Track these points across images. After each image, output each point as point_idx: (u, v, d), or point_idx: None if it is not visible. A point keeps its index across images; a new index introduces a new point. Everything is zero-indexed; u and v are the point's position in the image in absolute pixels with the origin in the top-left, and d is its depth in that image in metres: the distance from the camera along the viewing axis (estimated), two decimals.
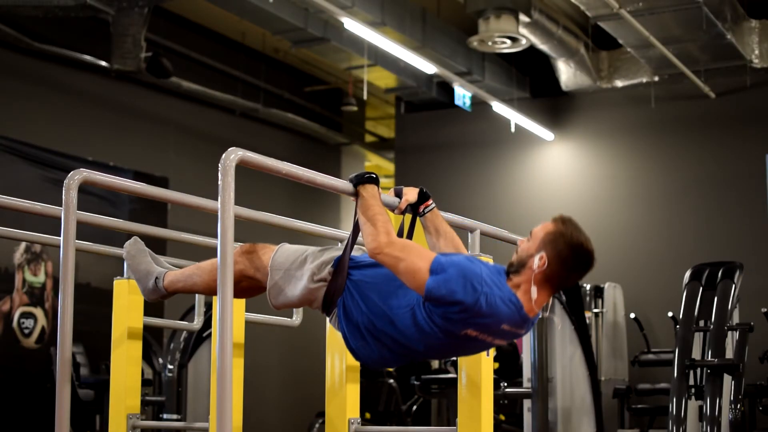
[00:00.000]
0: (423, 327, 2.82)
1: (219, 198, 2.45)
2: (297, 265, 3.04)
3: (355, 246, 3.14)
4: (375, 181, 3.00)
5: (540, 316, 2.93)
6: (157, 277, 3.28)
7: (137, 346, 4.07)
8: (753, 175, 10.22)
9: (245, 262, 3.11)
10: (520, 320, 2.83)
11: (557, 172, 11.38)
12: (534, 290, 2.83)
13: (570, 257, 2.82)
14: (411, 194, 3.13)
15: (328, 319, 3.09)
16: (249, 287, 3.20)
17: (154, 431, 6.39)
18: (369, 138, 14.03)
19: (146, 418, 7.08)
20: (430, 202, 3.15)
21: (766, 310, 7.94)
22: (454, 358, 8.43)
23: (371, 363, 2.99)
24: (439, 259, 2.80)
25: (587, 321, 8.80)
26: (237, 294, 3.18)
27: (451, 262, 2.79)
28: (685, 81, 10.19)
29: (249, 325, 4.19)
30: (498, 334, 2.85)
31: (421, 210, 3.14)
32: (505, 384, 7.27)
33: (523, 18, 8.71)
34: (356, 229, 3.04)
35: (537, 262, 2.81)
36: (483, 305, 2.74)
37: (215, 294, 3.18)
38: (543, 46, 9.56)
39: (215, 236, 2.59)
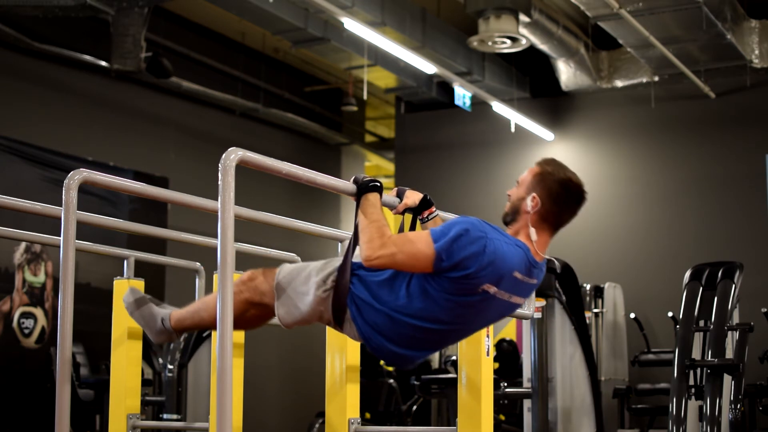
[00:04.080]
0: (438, 300, 2.82)
1: (219, 198, 2.45)
2: (302, 280, 3.00)
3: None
4: (378, 189, 2.98)
5: (545, 263, 2.96)
6: (163, 319, 3.26)
7: (137, 346, 4.07)
8: (753, 175, 10.21)
9: (249, 290, 3.06)
10: (529, 265, 2.87)
11: None
12: (533, 232, 2.91)
13: (561, 193, 2.91)
14: (411, 198, 3.12)
15: (342, 329, 3.02)
16: (257, 315, 3.14)
17: (154, 431, 6.39)
18: (369, 138, 14.03)
19: (146, 418, 7.08)
20: (434, 209, 3.14)
21: (766, 310, 7.95)
22: (454, 358, 8.44)
23: (399, 361, 2.95)
24: (435, 230, 2.82)
25: (587, 321, 8.79)
26: (245, 325, 3.19)
27: (449, 225, 2.82)
28: (685, 81, 10.19)
29: None
30: (513, 285, 2.84)
31: (424, 216, 3.13)
32: (505, 384, 7.26)
33: (523, 18, 8.71)
34: (357, 230, 3.03)
35: (530, 203, 2.92)
36: (490, 250, 2.75)
37: None
38: (543, 46, 9.55)
39: (215, 236, 2.59)
